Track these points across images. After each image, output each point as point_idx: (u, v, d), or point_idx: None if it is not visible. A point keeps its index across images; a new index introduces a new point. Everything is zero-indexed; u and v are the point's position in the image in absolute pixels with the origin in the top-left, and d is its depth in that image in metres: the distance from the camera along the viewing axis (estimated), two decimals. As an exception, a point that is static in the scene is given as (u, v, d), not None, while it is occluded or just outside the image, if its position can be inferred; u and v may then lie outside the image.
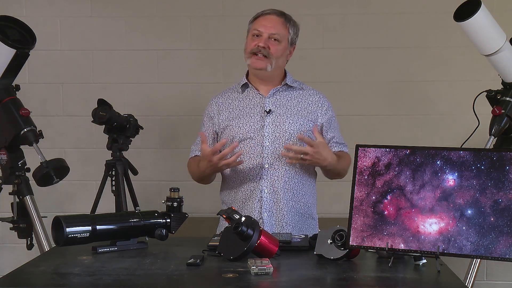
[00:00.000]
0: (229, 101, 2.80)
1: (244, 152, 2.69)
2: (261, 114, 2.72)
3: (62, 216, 2.17)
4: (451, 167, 2.01)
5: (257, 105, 2.74)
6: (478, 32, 2.81)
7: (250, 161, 2.69)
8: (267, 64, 2.69)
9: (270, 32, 2.69)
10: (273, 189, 2.69)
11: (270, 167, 2.68)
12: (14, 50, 2.97)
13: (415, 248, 2.01)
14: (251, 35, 2.74)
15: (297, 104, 2.76)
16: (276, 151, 2.69)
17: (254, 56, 2.69)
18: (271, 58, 2.69)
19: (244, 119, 2.73)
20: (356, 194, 2.11)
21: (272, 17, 2.73)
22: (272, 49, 2.69)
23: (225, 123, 2.76)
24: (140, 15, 3.95)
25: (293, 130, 2.70)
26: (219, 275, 1.97)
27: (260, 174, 2.69)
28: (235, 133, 2.72)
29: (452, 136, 3.73)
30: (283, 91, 2.77)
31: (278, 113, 2.72)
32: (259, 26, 2.71)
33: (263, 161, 2.68)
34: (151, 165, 3.97)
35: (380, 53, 3.88)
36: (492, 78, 3.05)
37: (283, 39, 2.72)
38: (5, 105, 3.08)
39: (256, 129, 2.70)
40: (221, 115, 2.78)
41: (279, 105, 2.74)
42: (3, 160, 3.17)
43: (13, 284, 1.90)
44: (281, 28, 2.72)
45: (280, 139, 2.69)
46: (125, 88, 3.97)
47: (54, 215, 2.19)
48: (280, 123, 2.70)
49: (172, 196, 2.39)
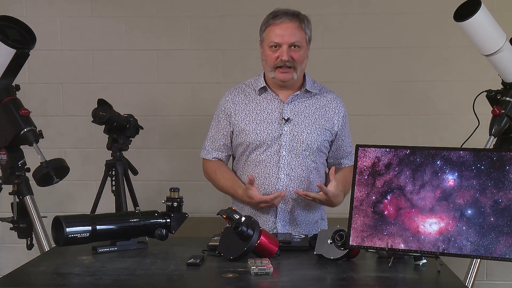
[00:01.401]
0: (246, 102, 2.71)
1: (260, 159, 2.64)
2: (279, 122, 2.65)
3: (62, 216, 2.17)
4: (451, 167, 2.01)
5: (275, 111, 2.67)
6: (478, 32, 2.80)
7: (265, 170, 2.64)
8: (293, 74, 2.62)
9: (290, 41, 2.59)
10: (286, 200, 2.64)
11: (285, 177, 2.63)
12: (14, 50, 2.96)
13: (415, 248, 2.01)
14: (268, 47, 2.63)
15: (315, 112, 2.69)
16: (293, 161, 2.63)
17: (279, 70, 2.61)
18: (296, 66, 2.62)
19: (262, 125, 2.65)
20: (356, 194, 2.11)
21: (288, 25, 2.60)
22: (295, 58, 2.60)
23: (241, 125, 2.68)
24: (140, 15, 3.95)
25: (311, 140, 2.64)
26: (219, 275, 1.97)
27: (276, 184, 2.63)
28: (251, 139, 2.65)
29: (452, 136, 3.73)
30: (301, 97, 2.70)
31: (296, 121, 2.65)
32: (275, 37, 2.59)
33: (279, 172, 2.63)
34: (151, 165, 3.97)
35: (380, 53, 3.88)
36: (492, 78, 3.05)
37: (302, 43, 2.63)
38: (5, 105, 3.07)
39: (273, 138, 2.64)
40: (237, 115, 2.69)
41: (297, 112, 2.67)
42: (3, 160, 3.17)
43: (13, 284, 1.90)
44: (299, 33, 2.62)
45: (297, 149, 2.63)
46: (125, 88, 3.97)
47: (54, 215, 2.20)
48: (298, 132, 2.64)
49: (172, 196, 2.39)
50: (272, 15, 2.65)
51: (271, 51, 2.62)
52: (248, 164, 2.68)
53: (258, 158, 2.65)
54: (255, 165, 2.66)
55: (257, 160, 2.65)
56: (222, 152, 2.76)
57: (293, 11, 2.66)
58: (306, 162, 2.65)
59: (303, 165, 2.65)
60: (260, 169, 2.64)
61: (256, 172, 2.65)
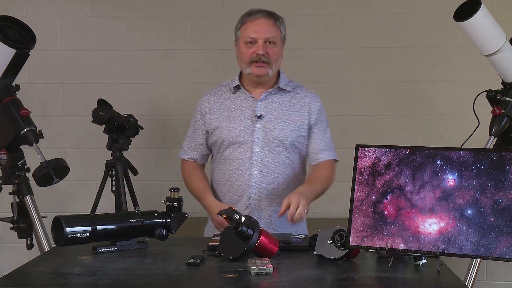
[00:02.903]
0: (221, 101, 2.77)
1: (233, 157, 2.68)
2: (252, 118, 2.69)
3: (62, 216, 2.17)
4: (451, 167, 2.00)
5: (249, 108, 2.71)
6: (478, 32, 2.80)
7: (238, 167, 2.68)
8: (268, 70, 2.66)
9: (265, 36, 2.65)
10: (260, 196, 2.67)
11: (259, 174, 2.66)
12: (14, 50, 2.97)
13: (415, 248, 2.01)
14: (243, 43, 2.69)
15: (288, 109, 2.72)
16: (266, 158, 2.67)
17: (254, 64, 2.65)
18: (271, 62, 2.66)
19: (234, 122, 2.70)
20: (356, 194, 2.11)
21: (263, 21, 2.67)
22: (270, 54, 2.65)
23: (215, 123, 2.73)
24: (140, 15, 3.95)
25: (283, 136, 2.68)
26: (219, 275, 1.97)
27: (249, 181, 2.66)
28: (224, 136, 2.70)
29: (452, 136, 3.72)
30: (275, 94, 2.74)
31: (269, 118, 2.69)
32: (251, 32, 2.66)
33: (252, 168, 2.66)
34: (151, 165, 3.97)
35: (380, 53, 3.88)
36: (492, 78, 3.05)
37: (277, 40, 2.68)
38: (5, 105, 3.08)
39: (246, 134, 2.68)
40: (212, 114, 2.75)
41: (270, 109, 2.71)
42: (3, 160, 3.17)
43: (13, 284, 1.90)
44: (274, 29, 2.68)
45: (269, 145, 2.67)
46: (125, 88, 3.97)
47: (54, 215, 2.19)
48: (270, 129, 2.68)
49: (172, 196, 2.39)
50: (247, 14, 2.72)
51: (246, 48, 2.67)
52: (223, 162, 2.72)
53: (232, 155, 2.69)
54: (229, 162, 2.70)
55: (231, 158, 2.69)
56: (197, 151, 2.81)
57: (268, 10, 2.72)
58: (280, 158, 2.68)
59: (277, 161, 2.67)
60: (234, 166, 2.68)
61: (230, 169, 2.69)
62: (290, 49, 3.07)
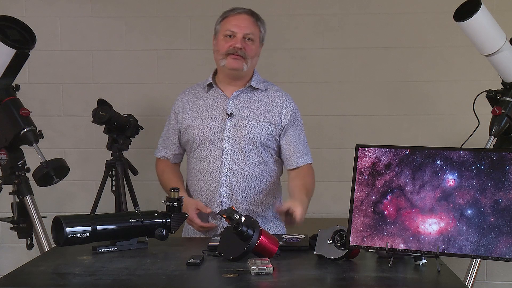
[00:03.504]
0: (194, 99, 2.78)
1: (204, 155, 2.69)
2: (223, 117, 2.69)
3: (62, 216, 2.17)
4: (451, 167, 2.01)
5: (220, 106, 2.71)
6: (478, 32, 2.80)
7: (209, 165, 2.68)
8: (243, 64, 2.67)
9: (245, 32, 2.66)
10: (232, 194, 2.66)
11: (229, 172, 2.66)
12: (14, 50, 2.96)
13: (415, 248, 2.01)
14: (222, 36, 2.69)
15: (260, 107, 2.71)
16: (236, 156, 2.66)
17: (230, 56, 2.66)
18: (247, 58, 2.67)
19: (205, 121, 2.70)
20: (356, 194, 2.11)
21: (244, 17, 2.69)
22: (247, 50, 2.66)
23: (187, 122, 2.74)
24: (140, 15, 3.95)
25: (253, 134, 2.67)
26: (219, 275, 1.97)
27: (219, 179, 2.66)
28: (195, 135, 2.70)
29: (452, 136, 3.73)
30: (247, 93, 2.73)
31: (239, 116, 2.69)
32: (232, 26, 2.67)
33: (222, 166, 2.66)
34: (151, 165, 3.95)
35: (380, 53, 3.88)
36: (492, 78, 3.05)
37: (256, 39, 2.70)
38: (5, 105, 3.07)
39: (216, 132, 2.68)
40: (185, 113, 2.76)
41: (241, 108, 2.70)
42: (3, 160, 3.17)
43: (13, 284, 1.90)
44: (254, 27, 2.69)
45: (240, 143, 2.66)
46: (125, 88, 3.97)
47: (54, 215, 2.19)
48: (240, 127, 2.67)
49: (172, 196, 2.39)
50: (230, 9, 2.74)
51: (224, 41, 2.69)
52: (195, 161, 2.73)
53: (202, 154, 2.69)
54: (200, 160, 2.70)
55: (202, 156, 2.69)
56: (170, 150, 2.83)
57: (251, 10, 2.75)
58: (250, 156, 2.67)
59: (247, 159, 2.67)
60: (204, 165, 2.69)
61: (201, 167, 2.69)
62: (290, 49, 3.08)
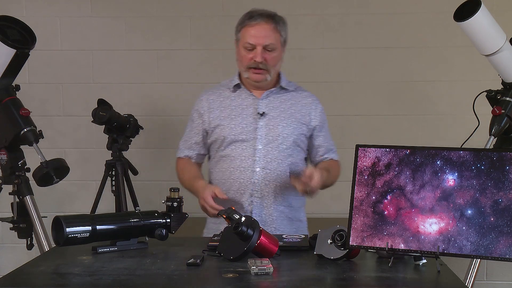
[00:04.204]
0: (220, 99, 2.76)
1: (235, 154, 2.67)
2: (254, 116, 2.68)
3: (62, 216, 2.17)
4: (451, 167, 2.00)
5: (250, 106, 2.71)
6: (478, 32, 2.80)
7: (240, 164, 2.66)
8: (266, 76, 2.66)
9: (264, 43, 2.62)
10: (263, 194, 2.66)
11: (261, 171, 2.65)
12: (14, 50, 2.97)
13: (415, 248, 2.01)
14: (242, 47, 2.67)
15: (290, 107, 2.72)
16: (269, 155, 2.66)
17: (252, 70, 2.65)
18: (269, 69, 2.65)
19: (236, 120, 2.69)
20: (356, 194, 2.11)
21: (263, 26, 2.63)
22: (268, 60, 2.64)
23: (216, 122, 2.72)
24: (140, 15, 3.95)
25: (286, 133, 2.68)
26: (219, 275, 1.97)
27: (251, 178, 2.65)
28: (226, 134, 2.68)
29: (452, 136, 3.72)
30: (276, 93, 2.74)
31: (271, 115, 2.69)
32: (250, 38, 2.63)
33: (254, 165, 2.65)
34: (151, 165, 3.97)
35: (380, 53, 3.88)
36: (492, 78, 3.05)
37: (277, 46, 2.66)
38: (5, 105, 3.08)
39: (248, 131, 2.67)
40: (212, 112, 2.74)
41: (272, 107, 2.71)
42: (3, 160, 3.17)
43: (13, 284, 1.90)
44: (273, 35, 2.64)
45: (273, 142, 2.66)
46: (125, 88, 3.97)
47: (54, 215, 2.19)
48: (273, 126, 2.67)
49: (172, 196, 2.39)
50: (248, 16, 2.68)
51: (245, 52, 2.66)
52: (223, 160, 2.70)
53: (234, 153, 2.67)
54: (230, 159, 2.68)
55: (232, 155, 2.68)
56: (194, 150, 2.80)
57: (269, 13, 2.68)
58: (283, 156, 2.67)
59: (279, 158, 2.66)
60: (235, 163, 2.67)
61: (231, 166, 2.68)
62: (290, 49, 3.06)
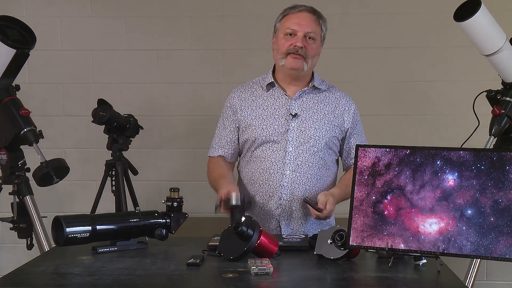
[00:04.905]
0: (252, 98, 2.68)
1: (265, 155, 2.61)
2: (286, 117, 2.61)
3: (62, 216, 2.17)
4: (451, 167, 2.00)
5: (283, 106, 2.63)
6: (478, 32, 2.80)
7: (270, 166, 2.60)
8: (303, 63, 2.59)
9: (306, 30, 2.57)
10: (292, 197, 2.59)
11: (291, 174, 2.58)
12: (14, 50, 2.96)
13: (415, 248, 2.01)
14: (283, 34, 2.60)
15: (323, 108, 2.65)
16: (299, 157, 2.59)
17: (291, 55, 2.57)
18: (308, 57, 2.59)
19: (268, 121, 2.62)
20: (356, 194, 2.11)
21: (305, 14, 2.60)
22: (308, 49, 2.58)
23: (247, 120, 2.65)
24: (140, 15, 3.95)
25: (318, 136, 2.61)
26: (219, 275, 1.97)
27: (281, 181, 2.58)
28: (257, 135, 2.61)
29: (452, 136, 3.73)
30: (309, 93, 2.66)
31: (304, 117, 2.62)
32: (292, 24, 2.58)
33: (284, 168, 2.59)
34: (151, 165, 3.97)
35: (380, 53, 3.89)
36: (492, 78, 3.05)
37: (317, 37, 2.62)
38: (5, 105, 3.08)
39: (280, 133, 2.60)
40: (243, 111, 2.66)
41: (305, 108, 2.63)
42: (3, 160, 3.17)
43: (13, 284, 1.90)
44: (315, 25, 2.61)
45: (304, 145, 2.59)
46: (125, 88, 3.97)
47: (54, 215, 2.19)
48: (305, 128, 2.60)
49: (172, 196, 2.39)
50: (290, 7, 2.65)
51: (285, 39, 2.60)
52: (254, 160, 2.65)
53: (264, 154, 2.61)
54: (260, 161, 2.62)
55: (263, 156, 2.62)
56: (228, 149, 2.72)
57: (313, 7, 2.66)
58: (314, 159, 2.61)
59: (310, 161, 2.60)
60: (265, 165, 2.61)
61: (261, 168, 2.62)
62: (290, 49, 3.08)
